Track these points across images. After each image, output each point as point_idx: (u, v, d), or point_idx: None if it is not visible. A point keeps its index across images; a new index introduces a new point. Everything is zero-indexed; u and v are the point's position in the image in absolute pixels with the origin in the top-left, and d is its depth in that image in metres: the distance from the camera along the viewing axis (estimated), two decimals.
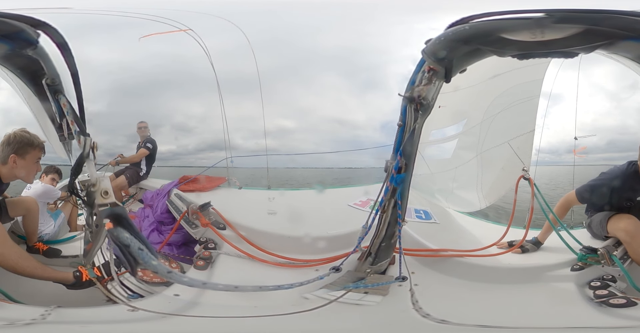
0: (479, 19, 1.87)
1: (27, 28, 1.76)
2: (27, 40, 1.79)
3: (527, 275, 2.44)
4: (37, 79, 2.14)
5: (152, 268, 1.48)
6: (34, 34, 1.80)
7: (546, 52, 1.87)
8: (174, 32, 3.61)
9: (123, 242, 1.51)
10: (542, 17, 1.75)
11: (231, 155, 3.92)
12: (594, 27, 1.69)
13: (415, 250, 2.47)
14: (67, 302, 2.03)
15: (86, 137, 1.86)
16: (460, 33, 1.89)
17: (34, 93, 2.27)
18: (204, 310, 1.93)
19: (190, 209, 2.87)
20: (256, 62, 4.05)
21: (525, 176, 2.86)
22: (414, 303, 2.01)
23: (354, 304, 2.03)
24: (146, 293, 2.17)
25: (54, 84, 2.11)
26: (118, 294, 2.17)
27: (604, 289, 2.18)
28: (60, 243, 3.15)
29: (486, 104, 3.68)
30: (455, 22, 1.90)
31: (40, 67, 2.05)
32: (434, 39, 1.96)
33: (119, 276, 2.23)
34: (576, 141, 3.70)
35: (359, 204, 3.13)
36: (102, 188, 1.70)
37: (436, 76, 2.11)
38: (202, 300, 2.00)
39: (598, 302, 2.06)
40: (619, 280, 2.29)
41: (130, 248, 1.49)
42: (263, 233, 2.66)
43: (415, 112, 2.16)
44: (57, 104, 2.13)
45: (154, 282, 2.20)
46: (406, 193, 2.24)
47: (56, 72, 2.09)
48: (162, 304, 1.98)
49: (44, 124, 2.54)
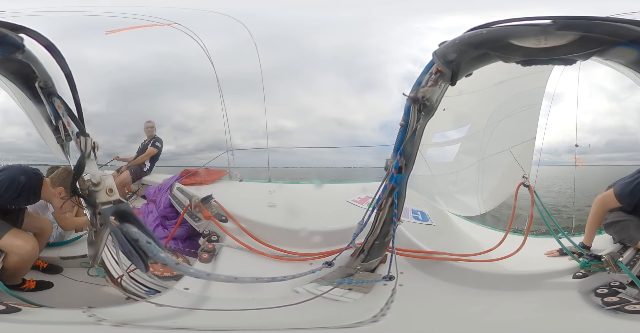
0: (501, 25, 1.88)
1: (9, 33, 1.75)
2: (14, 45, 1.78)
3: (524, 282, 2.41)
4: (30, 83, 2.14)
5: (161, 261, 1.52)
6: (18, 38, 1.78)
7: (547, 59, 1.89)
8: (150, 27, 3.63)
9: (132, 236, 1.54)
10: (548, 23, 1.77)
11: (232, 149, 3.94)
12: (588, 34, 1.71)
13: (407, 251, 2.48)
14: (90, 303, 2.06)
15: (86, 137, 1.88)
16: (475, 37, 1.90)
17: (28, 97, 2.26)
18: (216, 304, 2.01)
19: (192, 203, 2.91)
20: (259, 62, 4.08)
21: (525, 183, 2.86)
22: (386, 304, 2.03)
23: (334, 300, 2.07)
24: (161, 288, 2.23)
25: (47, 87, 2.11)
26: (137, 291, 2.24)
27: (613, 296, 2.15)
28: (67, 245, 3.11)
29: (490, 110, 3.69)
30: (476, 26, 1.91)
31: (31, 71, 2.04)
32: (448, 41, 1.98)
33: (129, 273, 2.28)
34: (577, 148, 3.69)
35: (358, 201, 3.14)
36: (107, 186, 1.73)
37: (442, 78, 2.12)
38: (210, 294, 2.07)
39: (611, 310, 2.03)
40: (628, 287, 2.25)
41: (139, 243, 1.52)
42: (263, 226, 2.70)
43: (418, 112, 2.17)
44: (52, 106, 2.13)
45: (164, 277, 2.26)
46: (404, 193, 2.25)
47: (48, 74, 2.08)
48: (180, 299, 2.05)
49: (41, 127, 2.55)
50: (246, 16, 3.90)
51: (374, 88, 4.53)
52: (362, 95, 4.68)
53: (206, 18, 3.92)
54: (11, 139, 3.83)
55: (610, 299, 2.13)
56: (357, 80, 4.40)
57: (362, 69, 4.36)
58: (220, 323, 1.94)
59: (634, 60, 1.92)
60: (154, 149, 4.81)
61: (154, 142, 4.85)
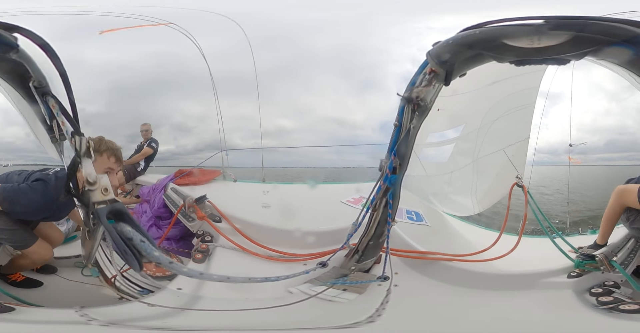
0: (494, 25, 1.88)
1: (3, 32, 1.74)
2: (7, 44, 1.77)
3: (518, 282, 2.41)
4: (25, 82, 2.12)
5: (155, 260, 1.51)
6: (12, 38, 1.78)
7: (541, 59, 1.89)
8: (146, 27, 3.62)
9: (126, 235, 1.53)
10: (541, 23, 1.77)
11: (226, 149, 3.94)
12: (581, 34, 1.71)
13: (402, 251, 2.48)
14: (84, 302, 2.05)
15: (81, 136, 1.86)
16: (468, 37, 1.90)
17: (22, 96, 2.24)
18: (208, 304, 2.00)
19: (186, 203, 2.90)
20: (258, 62, 4.07)
21: (519, 183, 2.87)
22: (382, 304, 2.03)
23: (329, 300, 2.06)
24: (154, 288, 2.22)
25: (41, 86, 2.09)
26: (130, 291, 2.23)
27: (607, 296, 2.15)
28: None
29: (484, 110, 3.71)
30: (469, 26, 1.91)
31: (25, 71, 2.02)
32: (442, 41, 1.98)
33: (123, 273, 2.28)
34: (571, 148, 3.71)
35: (352, 201, 3.14)
36: (102, 186, 1.72)
37: (436, 79, 2.12)
38: (203, 294, 2.06)
39: (605, 309, 2.04)
40: (622, 286, 2.25)
41: (133, 241, 1.51)
42: (257, 226, 2.70)
43: (412, 112, 2.17)
44: (46, 106, 2.11)
45: (157, 276, 2.25)
46: (398, 194, 2.25)
47: (42, 74, 2.07)
48: (173, 299, 2.04)
49: (35, 126, 2.53)
50: (244, 16, 3.89)
51: (373, 88, 4.53)
52: (361, 95, 4.68)
53: (204, 18, 3.91)
54: (11, 139, 3.82)
55: (604, 298, 2.12)
56: (356, 80, 4.41)
57: (362, 69, 4.36)
58: (213, 323, 1.93)
59: (628, 60, 1.92)
60: (150, 149, 4.92)
61: (150, 143, 4.98)
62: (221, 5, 3.85)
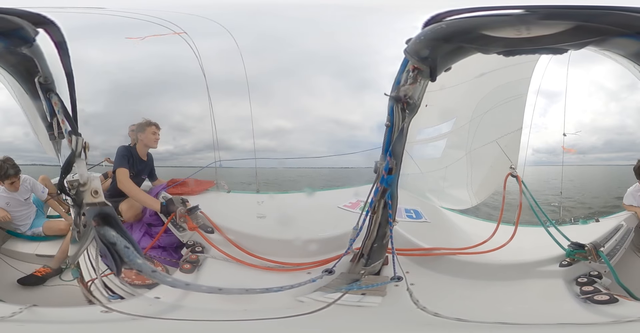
0: (452, 16, 1.86)
1: (27, 26, 1.74)
2: (24, 38, 1.77)
3: (517, 272, 2.44)
4: (30, 77, 2.13)
5: (137, 267, 1.48)
6: (32, 32, 1.78)
7: (533, 49, 1.87)
8: (166, 35, 3.60)
9: (109, 239, 1.51)
10: (523, 13, 1.75)
11: (220, 159, 3.89)
12: (585, 24, 1.68)
13: (407, 250, 2.48)
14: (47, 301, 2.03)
15: (78, 136, 1.86)
16: (439, 31, 1.88)
17: (25, 91, 2.26)
18: (186, 314, 1.92)
19: (178, 212, 2.84)
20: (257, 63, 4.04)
21: (513, 173, 2.88)
22: (415, 303, 2.02)
23: (354, 306, 2.02)
24: (128, 295, 2.16)
25: (47, 83, 2.09)
26: (99, 295, 2.16)
27: (589, 285, 2.19)
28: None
29: (474, 103, 3.70)
30: (429, 20, 1.89)
31: (33, 65, 2.03)
32: (413, 38, 1.96)
33: (103, 277, 2.21)
34: (565, 138, 3.72)
35: (349, 206, 3.11)
36: (93, 188, 1.70)
37: (421, 75, 2.11)
38: (186, 303, 1.99)
39: (583, 298, 2.08)
40: (605, 277, 2.29)
41: (116, 246, 1.49)
42: (252, 237, 2.64)
43: (403, 111, 2.16)
44: (49, 103, 2.12)
45: (135, 284, 2.19)
46: (396, 194, 2.23)
47: (49, 70, 2.07)
48: (141, 306, 1.98)
49: (35, 122, 2.54)
50: (240, 19, 3.86)
51: (368, 88, 4.52)
52: (357, 96, 4.67)
53: (204, 20, 3.87)
54: (10, 139, 3.77)
55: (586, 288, 2.16)
56: (352, 81, 4.39)
57: (356, 69, 4.34)
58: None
59: (635, 52, 1.89)
60: None
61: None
62: (217, 7, 3.82)
